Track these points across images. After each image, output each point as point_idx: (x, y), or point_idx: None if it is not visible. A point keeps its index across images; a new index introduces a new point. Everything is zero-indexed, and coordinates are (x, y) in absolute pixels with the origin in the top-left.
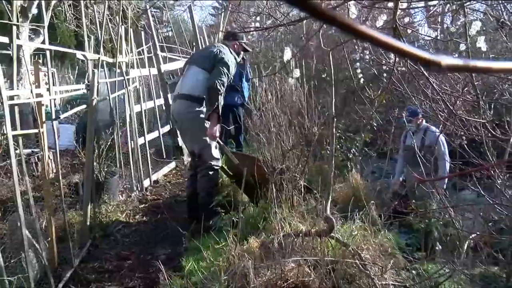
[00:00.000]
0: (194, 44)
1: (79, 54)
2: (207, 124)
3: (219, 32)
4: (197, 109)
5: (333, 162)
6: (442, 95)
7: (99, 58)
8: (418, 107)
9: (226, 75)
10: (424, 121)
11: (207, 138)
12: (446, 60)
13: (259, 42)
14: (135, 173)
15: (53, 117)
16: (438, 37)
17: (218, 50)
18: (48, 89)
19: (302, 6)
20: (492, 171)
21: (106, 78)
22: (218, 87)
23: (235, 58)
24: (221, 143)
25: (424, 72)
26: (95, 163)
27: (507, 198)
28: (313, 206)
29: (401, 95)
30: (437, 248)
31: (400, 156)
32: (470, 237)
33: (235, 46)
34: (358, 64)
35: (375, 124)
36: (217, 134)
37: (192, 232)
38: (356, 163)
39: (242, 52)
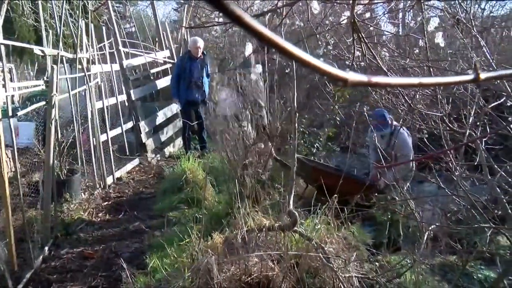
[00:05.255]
0: (157, 39)
1: (36, 49)
2: None
3: (182, 28)
4: None
5: (295, 157)
6: (401, 90)
7: (58, 53)
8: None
9: None
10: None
11: None
12: (352, 76)
13: (223, 38)
14: (98, 171)
15: (10, 114)
16: (400, 33)
17: None
18: (4, 85)
19: (217, 5)
20: (450, 163)
21: (66, 74)
22: None
23: None
24: None
25: (383, 67)
26: (56, 161)
27: (464, 189)
28: (276, 200)
29: (363, 89)
30: (400, 241)
31: (372, 151)
32: (430, 228)
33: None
34: (321, 59)
35: (338, 119)
36: None
37: None
38: (319, 158)
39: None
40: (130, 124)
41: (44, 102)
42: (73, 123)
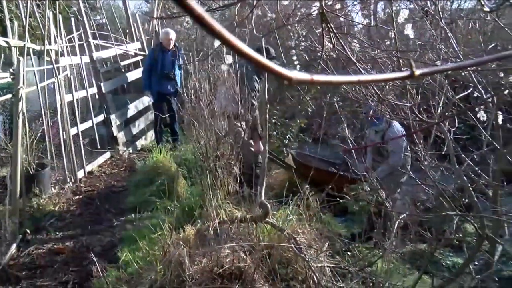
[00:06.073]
0: (127, 31)
1: (0, 40)
2: None
3: (153, 19)
4: None
5: (266, 148)
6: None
7: (24, 45)
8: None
9: None
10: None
11: None
12: (296, 75)
13: (195, 29)
14: (68, 164)
15: None
16: (368, 24)
17: None
18: None
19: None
20: (419, 153)
21: (33, 66)
22: None
23: None
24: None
25: (352, 59)
26: (24, 156)
27: (432, 179)
28: (248, 192)
29: None
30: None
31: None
32: (400, 217)
33: None
34: (294, 51)
35: (309, 110)
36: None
37: None
38: (291, 149)
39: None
40: (101, 117)
41: (10, 95)
42: (41, 116)
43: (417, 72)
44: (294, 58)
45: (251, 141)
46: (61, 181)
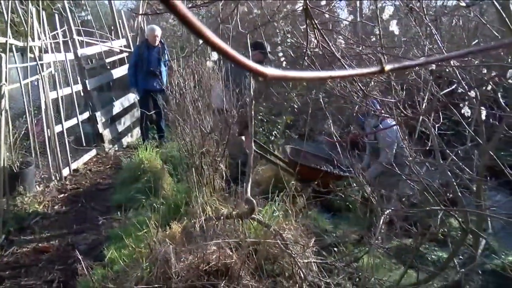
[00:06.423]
0: (113, 28)
1: None
2: None
3: (138, 16)
4: None
5: (252, 144)
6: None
7: (6, 41)
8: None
9: None
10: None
11: None
12: (270, 71)
13: (180, 26)
14: (53, 162)
15: None
16: (353, 21)
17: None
18: None
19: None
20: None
21: (16, 63)
22: None
23: None
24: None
25: (337, 55)
26: (8, 154)
27: (417, 174)
28: (234, 188)
29: None
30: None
31: (368, 143)
32: (385, 212)
33: (256, 56)
34: (280, 47)
35: (296, 107)
36: None
37: None
38: (278, 145)
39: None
40: (86, 115)
41: None
42: (25, 114)
43: (387, 67)
44: (280, 54)
45: (242, 137)
46: (46, 179)
